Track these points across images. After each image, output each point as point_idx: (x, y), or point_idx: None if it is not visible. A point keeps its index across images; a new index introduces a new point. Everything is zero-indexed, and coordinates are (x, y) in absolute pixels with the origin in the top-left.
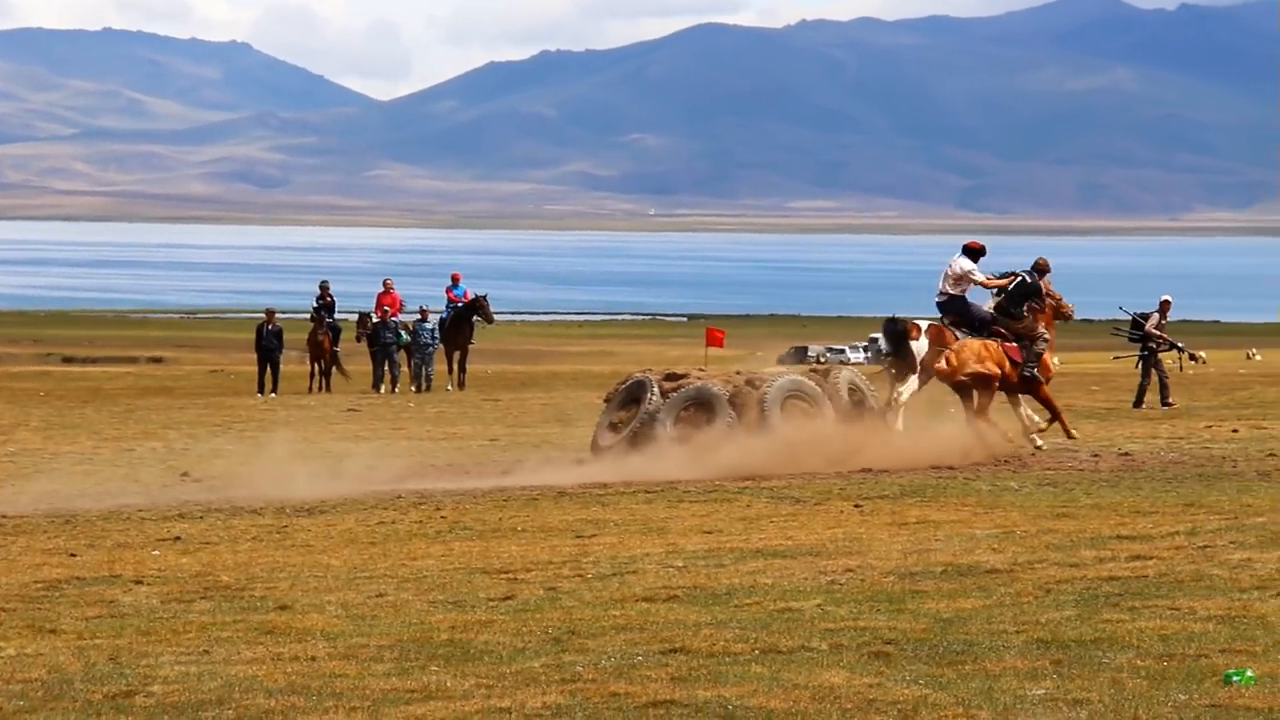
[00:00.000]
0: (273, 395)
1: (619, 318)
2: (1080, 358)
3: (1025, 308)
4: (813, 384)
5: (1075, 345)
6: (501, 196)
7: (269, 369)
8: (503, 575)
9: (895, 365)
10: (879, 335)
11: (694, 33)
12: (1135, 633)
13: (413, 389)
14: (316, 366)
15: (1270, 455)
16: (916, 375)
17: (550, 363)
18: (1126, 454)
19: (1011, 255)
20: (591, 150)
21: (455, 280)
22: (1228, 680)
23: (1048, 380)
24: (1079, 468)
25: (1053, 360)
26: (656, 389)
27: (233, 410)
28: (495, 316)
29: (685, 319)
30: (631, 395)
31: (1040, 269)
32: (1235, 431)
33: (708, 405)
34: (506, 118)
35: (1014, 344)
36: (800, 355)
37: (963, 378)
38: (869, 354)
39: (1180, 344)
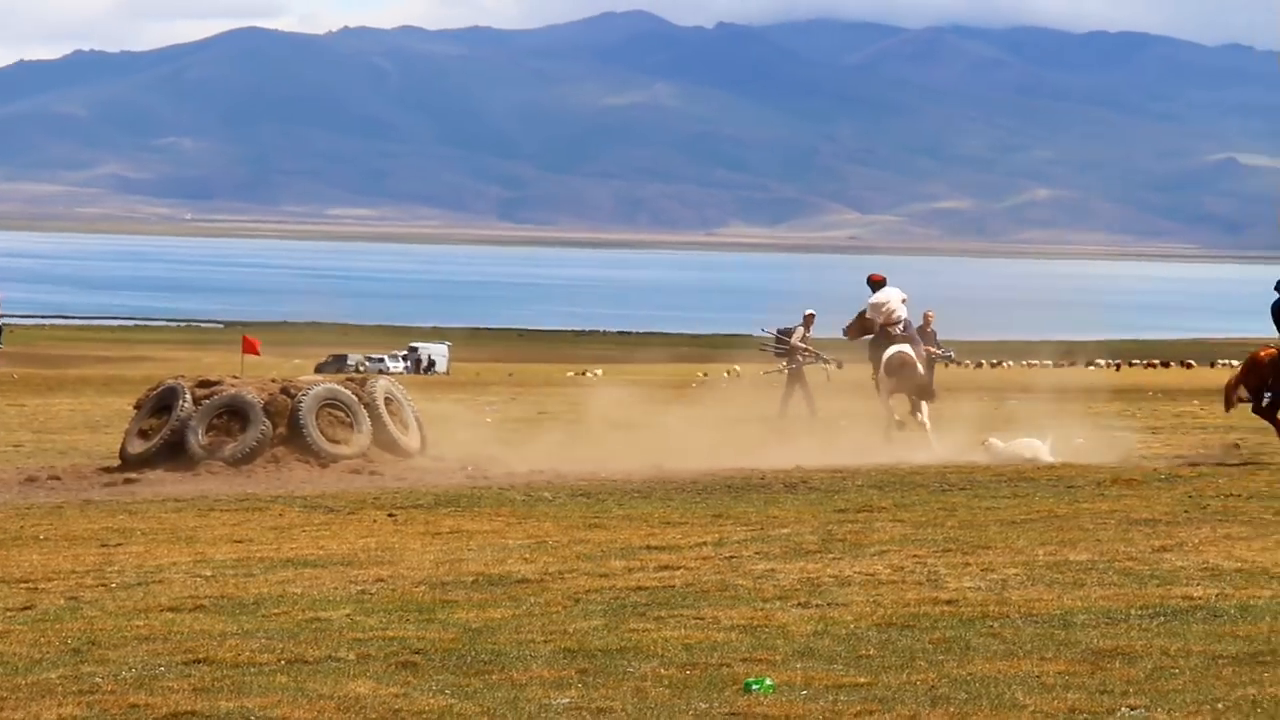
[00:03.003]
0: None
1: (153, 323)
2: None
3: None
4: (349, 393)
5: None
6: (31, 197)
7: None
8: (22, 584)
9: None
10: (418, 345)
11: (233, 36)
12: (660, 642)
13: None
14: None
15: (797, 467)
16: (920, 397)
17: (81, 367)
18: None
19: (551, 267)
20: (125, 153)
21: None
22: (748, 688)
23: None
24: (612, 478)
25: None
26: (189, 396)
27: None
28: (23, 320)
29: (222, 325)
30: (163, 402)
31: None
32: None
33: (241, 413)
34: (36, 117)
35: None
36: (340, 363)
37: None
38: (408, 363)
39: (826, 356)
